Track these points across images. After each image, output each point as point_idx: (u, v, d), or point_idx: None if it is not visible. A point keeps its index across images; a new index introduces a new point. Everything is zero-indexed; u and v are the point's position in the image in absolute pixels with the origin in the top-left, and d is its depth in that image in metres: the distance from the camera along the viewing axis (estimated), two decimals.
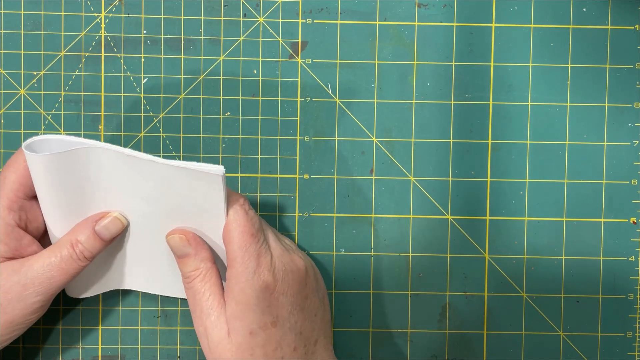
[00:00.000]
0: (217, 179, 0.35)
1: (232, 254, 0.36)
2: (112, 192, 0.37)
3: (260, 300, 0.35)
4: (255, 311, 0.35)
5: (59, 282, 0.36)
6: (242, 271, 0.35)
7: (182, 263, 0.37)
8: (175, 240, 0.37)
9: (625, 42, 0.43)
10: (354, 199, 0.43)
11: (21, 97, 0.42)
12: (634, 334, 0.43)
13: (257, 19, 0.42)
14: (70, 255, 0.36)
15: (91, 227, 0.36)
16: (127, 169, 0.35)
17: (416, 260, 0.43)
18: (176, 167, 0.35)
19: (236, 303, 0.35)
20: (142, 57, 0.42)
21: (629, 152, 0.43)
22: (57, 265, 0.36)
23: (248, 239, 0.36)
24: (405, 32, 0.42)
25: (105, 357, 0.43)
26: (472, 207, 0.43)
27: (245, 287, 0.35)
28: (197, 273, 0.36)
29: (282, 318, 0.36)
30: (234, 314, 0.35)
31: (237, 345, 0.35)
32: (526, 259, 0.43)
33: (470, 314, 0.43)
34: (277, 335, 0.36)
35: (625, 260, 0.43)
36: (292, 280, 0.37)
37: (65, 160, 0.35)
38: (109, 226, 0.37)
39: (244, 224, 0.36)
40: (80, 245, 0.36)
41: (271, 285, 0.36)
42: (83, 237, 0.36)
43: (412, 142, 0.43)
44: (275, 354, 0.36)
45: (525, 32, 0.42)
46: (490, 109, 0.43)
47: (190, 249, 0.37)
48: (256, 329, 0.35)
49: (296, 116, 0.42)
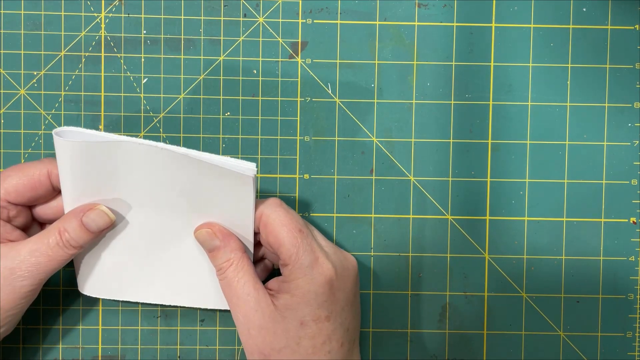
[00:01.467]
0: (248, 180, 0.35)
1: (285, 253, 0.36)
2: (140, 188, 0.36)
3: (319, 295, 0.36)
4: (311, 305, 0.36)
5: (45, 268, 0.36)
6: (298, 267, 0.36)
7: (213, 257, 0.37)
8: (203, 234, 0.37)
9: (625, 42, 0.43)
10: (354, 199, 0.43)
11: (21, 97, 0.42)
12: (634, 334, 0.43)
13: (257, 19, 0.42)
14: (57, 242, 0.36)
15: (79, 217, 0.36)
16: (158, 163, 0.35)
17: (416, 260, 0.43)
18: (207, 163, 0.35)
19: (291, 296, 0.36)
20: (142, 57, 0.42)
21: (629, 152, 0.43)
22: (44, 252, 0.36)
23: (297, 234, 0.36)
24: (405, 32, 0.42)
25: (105, 357, 0.43)
26: (472, 207, 0.43)
27: (303, 283, 0.36)
28: (229, 264, 0.36)
29: (335, 313, 0.36)
30: (287, 305, 0.36)
31: (284, 331, 0.36)
32: (526, 259, 0.43)
33: (470, 314, 0.43)
34: (329, 330, 0.36)
35: (625, 260, 0.43)
36: (347, 277, 0.37)
37: (95, 151, 0.35)
38: (95, 218, 0.37)
39: (288, 222, 0.36)
40: (67, 234, 0.36)
41: (332, 280, 0.36)
42: (70, 226, 0.36)
43: (412, 142, 0.43)
44: (323, 347, 0.36)
45: (525, 32, 0.42)
46: (490, 109, 0.43)
47: (218, 241, 0.37)
48: (308, 321, 0.36)
49: (296, 116, 0.42)
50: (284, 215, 0.36)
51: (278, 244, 0.36)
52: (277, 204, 0.37)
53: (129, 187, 0.36)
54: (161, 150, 0.35)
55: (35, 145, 0.42)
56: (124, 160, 0.35)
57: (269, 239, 0.37)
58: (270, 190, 0.42)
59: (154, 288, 0.40)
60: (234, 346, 0.43)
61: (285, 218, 0.36)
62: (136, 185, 0.36)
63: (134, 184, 0.36)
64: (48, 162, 0.37)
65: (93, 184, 0.36)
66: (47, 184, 0.37)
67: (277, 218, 0.36)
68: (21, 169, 0.37)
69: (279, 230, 0.36)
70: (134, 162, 0.35)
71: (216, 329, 0.43)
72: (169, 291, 0.40)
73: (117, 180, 0.36)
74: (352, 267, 0.38)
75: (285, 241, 0.36)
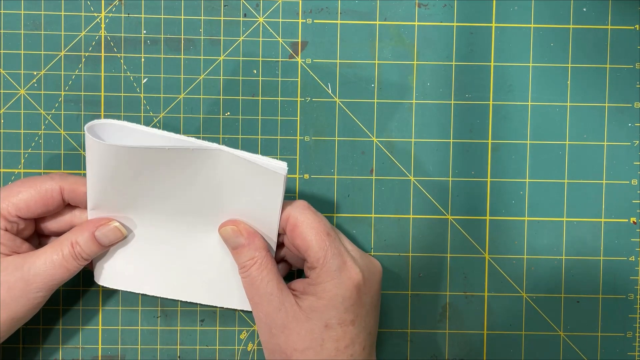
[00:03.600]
0: (279, 178, 0.35)
1: (313, 256, 0.36)
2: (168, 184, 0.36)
3: (346, 299, 0.36)
4: (338, 309, 0.36)
5: (59, 279, 0.37)
6: (326, 271, 0.36)
7: (237, 254, 0.37)
8: (228, 231, 0.37)
9: (625, 42, 0.43)
10: (354, 199, 0.43)
11: (21, 97, 0.42)
12: (634, 334, 0.43)
13: (257, 19, 0.42)
14: (70, 253, 0.36)
15: (91, 231, 0.37)
16: (189, 160, 0.35)
17: (416, 260, 0.43)
18: (241, 159, 0.34)
19: (318, 298, 0.36)
20: (142, 57, 0.42)
21: (629, 152, 0.43)
22: (59, 263, 0.36)
23: (325, 238, 0.36)
24: (405, 32, 0.42)
25: (105, 357, 0.43)
26: (472, 207, 0.43)
27: (331, 286, 0.36)
28: (252, 262, 0.36)
29: (361, 317, 0.36)
30: (313, 307, 0.36)
31: (308, 333, 0.35)
32: (526, 259, 0.43)
33: (470, 314, 0.43)
34: (353, 333, 0.36)
35: (625, 260, 0.43)
36: (373, 282, 0.37)
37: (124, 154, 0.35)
38: (108, 234, 0.37)
39: (317, 224, 0.36)
40: (79, 247, 0.37)
41: (360, 284, 0.36)
42: (82, 239, 0.37)
43: (412, 142, 0.43)
44: (346, 351, 0.36)
45: (525, 32, 0.42)
46: (490, 109, 0.43)
47: (243, 239, 0.37)
48: (334, 324, 0.36)
49: (296, 116, 0.42)
50: (312, 218, 0.36)
51: (306, 247, 0.36)
52: (305, 206, 0.37)
53: (156, 183, 0.36)
54: (192, 151, 0.34)
55: (35, 145, 0.42)
56: (153, 161, 0.35)
57: (297, 242, 0.36)
58: None
59: (174, 283, 0.40)
60: (234, 346, 0.43)
61: (313, 221, 0.36)
62: (164, 182, 0.36)
63: (162, 180, 0.36)
64: (59, 179, 0.37)
65: (120, 182, 0.36)
66: (58, 200, 0.37)
67: (306, 220, 0.36)
68: (33, 185, 0.37)
69: (307, 232, 0.36)
70: (162, 162, 0.35)
71: (216, 329, 0.43)
72: (188, 287, 0.40)
73: (144, 177, 0.36)
74: (377, 271, 0.38)
75: (314, 244, 0.36)
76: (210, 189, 0.36)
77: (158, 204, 0.37)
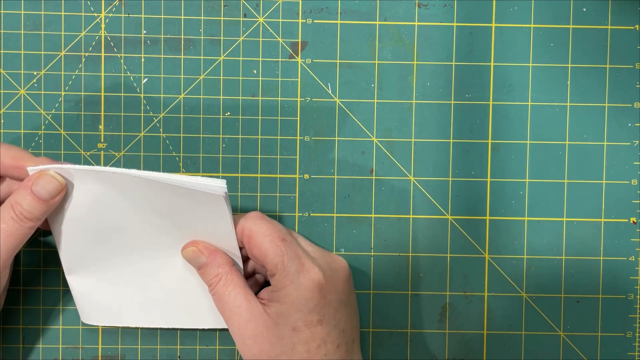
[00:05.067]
0: (219, 199, 0.35)
1: (271, 263, 0.36)
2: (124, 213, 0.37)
3: (308, 300, 0.36)
4: (302, 310, 0.36)
5: (6, 246, 0.35)
6: (285, 275, 0.36)
7: (202, 274, 0.38)
8: (189, 252, 0.38)
9: (625, 42, 0.43)
10: (354, 199, 0.43)
11: (21, 97, 0.42)
12: (634, 334, 0.43)
13: (257, 19, 0.42)
14: (11, 217, 0.35)
15: (28, 188, 0.36)
16: (135, 189, 0.36)
17: (416, 260, 0.43)
18: (178, 187, 0.35)
19: (281, 304, 0.36)
20: (142, 57, 0.42)
21: (629, 152, 0.43)
22: (2, 230, 0.35)
23: (280, 244, 0.36)
24: (405, 32, 0.42)
25: (105, 357, 0.43)
26: (472, 207, 0.43)
27: (291, 290, 0.36)
28: (217, 279, 0.37)
29: (328, 316, 0.36)
30: (279, 312, 0.36)
31: (279, 338, 0.36)
32: (526, 259, 0.43)
33: (470, 314, 0.43)
34: (322, 333, 0.36)
35: (625, 260, 0.43)
36: (338, 279, 0.38)
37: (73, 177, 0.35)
38: (45, 185, 0.36)
39: (270, 232, 0.37)
40: (19, 207, 0.35)
41: (321, 283, 0.36)
42: (21, 198, 0.36)
43: (412, 142, 0.43)
44: (318, 351, 0.36)
45: (525, 32, 0.42)
46: (490, 109, 0.43)
47: (204, 257, 0.37)
48: (300, 326, 0.36)
49: (296, 116, 0.42)
50: (265, 227, 0.37)
51: (263, 255, 0.37)
52: (258, 217, 0.37)
53: (113, 214, 0.37)
54: (132, 178, 0.35)
55: (35, 145, 0.42)
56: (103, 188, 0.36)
57: (254, 252, 0.37)
58: (270, 190, 0.42)
59: (152, 312, 0.40)
60: (233, 346, 0.43)
61: (267, 229, 0.37)
62: (119, 212, 0.37)
63: (117, 210, 0.37)
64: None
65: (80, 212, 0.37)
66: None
67: (259, 230, 0.37)
68: None
69: (262, 241, 0.36)
70: (113, 190, 0.36)
71: (216, 329, 0.43)
72: (166, 314, 0.40)
73: (100, 208, 0.37)
74: (341, 268, 0.38)
75: (269, 251, 0.36)
76: (162, 215, 0.37)
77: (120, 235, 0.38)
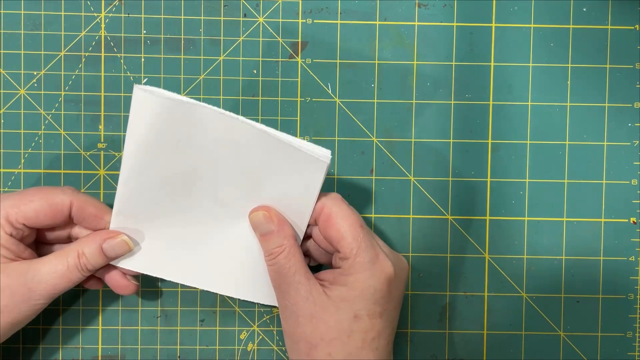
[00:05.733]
0: (322, 165, 0.35)
1: (347, 247, 0.36)
2: (206, 161, 0.36)
3: (377, 291, 0.36)
4: (368, 299, 0.36)
5: (62, 288, 0.37)
6: (360, 261, 0.36)
7: (265, 240, 0.37)
8: (259, 216, 0.37)
9: (625, 42, 0.43)
10: (354, 199, 0.43)
11: (21, 97, 0.42)
12: (634, 334, 0.43)
13: (257, 19, 0.42)
14: (75, 264, 0.37)
15: (99, 243, 0.37)
16: (233, 137, 0.35)
17: (416, 260, 0.43)
18: (284, 143, 0.34)
19: (348, 289, 0.36)
20: (142, 57, 0.42)
21: (629, 152, 0.43)
22: (62, 273, 0.36)
23: (359, 230, 0.36)
24: (405, 32, 0.42)
25: (105, 357, 0.43)
26: (472, 207, 0.43)
27: (362, 277, 0.36)
28: (280, 249, 0.36)
29: (388, 311, 0.37)
30: (342, 297, 0.36)
31: (337, 323, 0.35)
32: (526, 259, 0.43)
33: (470, 314, 0.43)
34: (380, 326, 0.36)
35: (625, 260, 0.43)
36: (402, 278, 0.38)
37: (174, 113, 0.34)
38: (115, 247, 0.37)
39: (351, 216, 0.36)
40: (84, 258, 0.37)
41: (391, 277, 0.36)
42: (88, 250, 0.37)
43: (412, 142, 0.43)
44: (372, 343, 0.36)
45: (525, 32, 0.42)
46: (490, 109, 0.43)
47: (273, 226, 0.37)
48: (363, 315, 0.36)
49: (296, 116, 0.42)
50: (346, 209, 0.37)
51: (339, 238, 0.36)
52: (340, 199, 0.37)
53: (195, 158, 0.36)
54: (240, 124, 0.34)
55: (35, 145, 0.42)
56: (198, 129, 0.35)
57: (330, 232, 0.36)
58: None
59: (197, 271, 0.39)
60: (234, 346, 0.43)
61: (348, 212, 0.36)
62: (203, 158, 0.36)
63: (202, 156, 0.36)
64: (71, 194, 0.37)
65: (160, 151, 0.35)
66: (66, 215, 0.37)
67: (340, 212, 0.36)
68: (44, 197, 0.37)
69: (341, 224, 0.36)
70: (208, 133, 0.35)
71: (216, 329, 0.43)
72: (210, 277, 0.39)
73: (184, 149, 0.35)
74: (405, 267, 0.38)
75: (347, 235, 0.36)
76: (246, 171, 0.36)
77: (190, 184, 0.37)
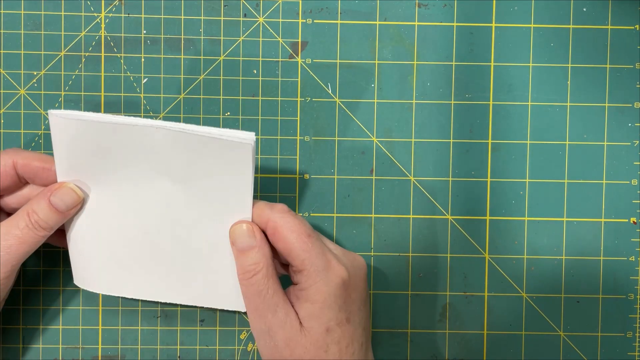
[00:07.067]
0: (247, 148, 0.33)
1: (297, 259, 0.35)
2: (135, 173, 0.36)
3: (337, 297, 0.35)
4: (332, 308, 0.35)
5: (17, 251, 0.36)
6: (313, 271, 0.35)
7: (241, 255, 0.36)
8: (242, 229, 0.36)
9: (625, 42, 0.43)
10: (354, 199, 0.43)
11: (21, 97, 0.42)
12: (634, 334, 0.43)
13: (257, 19, 0.42)
14: (26, 224, 0.36)
15: (47, 197, 0.36)
16: (154, 145, 0.34)
17: (416, 260, 0.43)
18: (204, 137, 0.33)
19: (312, 303, 0.35)
20: (142, 57, 0.42)
21: (629, 152, 0.43)
22: (14, 235, 0.35)
23: (307, 239, 0.35)
24: (405, 32, 0.42)
25: (105, 357, 0.43)
26: (472, 207, 0.43)
27: (321, 286, 0.35)
28: (258, 268, 0.35)
29: (354, 314, 0.36)
30: (310, 313, 0.35)
31: (313, 342, 0.35)
32: (526, 259, 0.43)
33: (470, 314, 0.43)
34: (350, 331, 0.36)
35: (625, 260, 0.43)
36: (359, 277, 0.37)
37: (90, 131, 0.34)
38: (63, 197, 0.36)
39: (297, 227, 0.35)
40: (35, 215, 0.36)
41: (346, 281, 0.36)
42: (38, 207, 0.36)
43: (412, 142, 0.43)
44: (347, 350, 0.36)
45: (525, 32, 0.42)
46: (490, 109, 0.43)
47: (255, 240, 0.36)
48: (333, 326, 0.35)
49: (296, 116, 0.42)
50: (292, 221, 0.36)
51: (288, 250, 0.35)
52: (285, 210, 0.36)
53: (124, 171, 0.36)
54: (156, 130, 0.34)
55: (35, 146, 0.42)
56: (119, 142, 0.35)
57: (278, 245, 0.36)
58: (270, 190, 0.42)
59: (153, 283, 0.38)
60: (234, 346, 0.43)
61: (293, 224, 0.35)
62: (131, 170, 0.36)
63: (135, 170, 0.36)
64: (13, 153, 0.36)
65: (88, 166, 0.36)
66: (12, 175, 0.36)
67: (285, 224, 0.35)
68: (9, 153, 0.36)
69: (288, 235, 0.35)
70: (129, 145, 0.35)
71: (216, 329, 0.43)
72: (168, 287, 0.38)
73: (114, 168, 0.36)
74: (361, 266, 0.38)
75: (295, 246, 0.35)
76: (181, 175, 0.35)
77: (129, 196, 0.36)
